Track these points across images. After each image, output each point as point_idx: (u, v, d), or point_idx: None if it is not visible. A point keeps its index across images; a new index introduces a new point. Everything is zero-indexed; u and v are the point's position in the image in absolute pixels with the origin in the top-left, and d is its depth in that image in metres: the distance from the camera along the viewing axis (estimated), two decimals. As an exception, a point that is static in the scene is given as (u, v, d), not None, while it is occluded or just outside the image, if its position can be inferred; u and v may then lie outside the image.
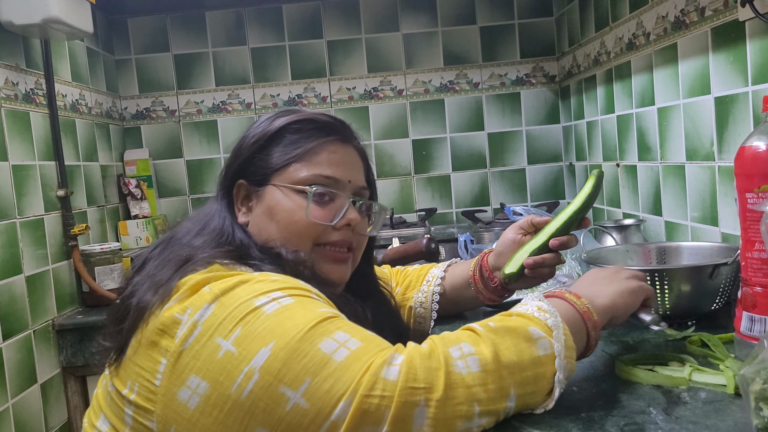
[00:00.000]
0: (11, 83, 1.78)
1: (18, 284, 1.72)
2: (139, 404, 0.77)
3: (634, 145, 1.93)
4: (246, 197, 0.98)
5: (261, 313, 0.74)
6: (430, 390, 0.68)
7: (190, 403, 0.73)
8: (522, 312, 0.80)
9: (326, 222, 0.95)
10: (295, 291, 0.79)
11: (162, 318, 0.78)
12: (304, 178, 0.95)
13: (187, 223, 0.96)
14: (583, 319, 0.83)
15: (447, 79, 2.73)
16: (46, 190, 1.91)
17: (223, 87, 2.70)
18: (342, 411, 0.67)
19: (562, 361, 0.76)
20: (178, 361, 0.74)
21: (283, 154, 0.96)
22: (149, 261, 0.90)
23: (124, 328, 0.81)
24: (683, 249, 1.29)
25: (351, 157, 1.01)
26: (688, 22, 1.54)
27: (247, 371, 0.70)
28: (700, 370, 0.86)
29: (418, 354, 0.71)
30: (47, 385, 1.82)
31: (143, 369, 0.77)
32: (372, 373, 0.68)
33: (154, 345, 0.77)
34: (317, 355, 0.70)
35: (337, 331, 0.73)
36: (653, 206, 1.83)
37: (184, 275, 0.81)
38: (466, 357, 0.71)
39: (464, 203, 2.76)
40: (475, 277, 1.18)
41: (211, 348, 0.73)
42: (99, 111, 2.41)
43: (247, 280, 0.79)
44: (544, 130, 2.75)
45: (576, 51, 2.42)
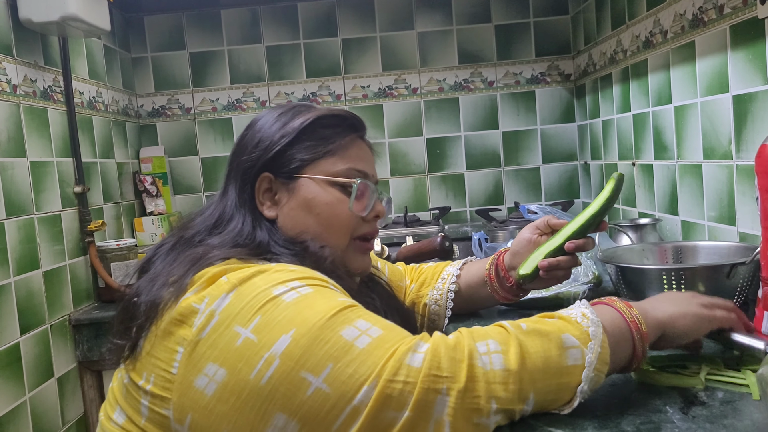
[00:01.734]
0: (30, 80, 1.80)
1: (35, 279, 1.74)
2: (155, 393, 0.78)
3: (650, 144, 1.92)
4: (269, 190, 0.97)
5: (280, 301, 0.74)
6: (453, 380, 0.68)
7: (207, 390, 0.73)
8: (564, 315, 0.78)
9: (362, 214, 0.98)
10: (312, 281, 0.79)
11: (179, 308, 0.78)
12: (339, 171, 0.97)
13: (196, 223, 0.95)
14: (630, 329, 0.79)
15: (461, 78, 2.72)
16: (63, 186, 1.93)
17: (238, 85, 2.71)
18: (365, 395, 0.67)
19: (590, 374, 0.74)
20: (195, 350, 0.75)
21: (314, 148, 0.97)
22: (156, 260, 0.90)
23: (137, 325, 0.81)
24: (700, 248, 1.28)
25: (369, 152, 1.04)
26: (707, 20, 1.53)
27: (267, 357, 0.71)
28: (718, 372, 0.85)
29: (443, 344, 0.71)
30: (64, 379, 1.84)
31: (159, 359, 0.78)
32: (397, 359, 0.69)
33: (170, 335, 0.78)
34: (339, 341, 0.70)
35: (358, 319, 0.73)
36: (669, 205, 1.82)
37: (198, 271, 0.81)
38: (492, 354, 0.71)
39: (478, 202, 2.75)
40: (491, 275, 1.18)
41: (230, 336, 0.73)
42: (115, 108, 2.42)
43: (265, 270, 0.80)
44: (559, 128, 2.74)
45: (592, 49, 2.41)
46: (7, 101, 1.68)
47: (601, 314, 0.79)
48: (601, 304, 0.83)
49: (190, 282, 0.80)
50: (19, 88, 1.74)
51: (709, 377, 0.84)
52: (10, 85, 1.70)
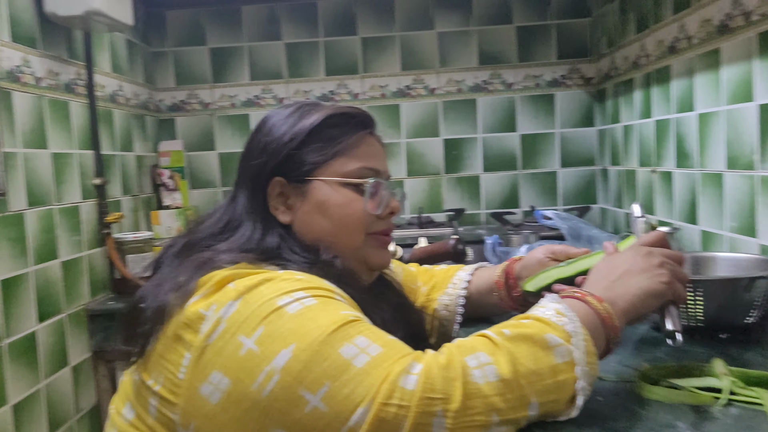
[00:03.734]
0: (53, 73, 1.82)
1: (54, 269, 1.76)
2: (163, 396, 0.78)
3: (671, 151, 1.90)
4: (281, 195, 0.96)
5: (284, 313, 0.74)
6: (448, 401, 0.67)
7: (212, 398, 0.74)
8: (539, 316, 0.78)
9: (375, 212, 0.97)
10: (318, 291, 0.79)
11: (187, 313, 0.78)
12: (351, 172, 0.96)
13: (204, 227, 0.95)
14: (603, 324, 0.80)
15: (480, 79, 2.71)
16: (83, 178, 1.95)
17: (256, 81, 2.72)
18: (360, 417, 0.67)
19: (583, 368, 0.74)
20: (202, 356, 0.75)
21: (324, 149, 0.96)
22: (164, 264, 0.90)
23: (144, 330, 0.82)
24: (718, 260, 1.26)
25: (380, 147, 1.03)
26: (733, 27, 1.51)
27: (268, 371, 0.71)
28: (736, 384, 0.83)
29: (435, 364, 0.70)
30: (78, 368, 1.86)
31: (168, 362, 0.78)
32: (390, 382, 0.68)
33: (179, 339, 0.78)
34: (338, 359, 0.70)
35: (358, 336, 0.73)
36: (689, 214, 1.80)
37: (203, 275, 0.81)
38: (484, 366, 0.70)
39: (494, 204, 2.74)
40: (500, 282, 1.17)
41: (234, 345, 0.74)
42: (136, 102, 2.44)
43: (272, 278, 0.80)
44: (579, 133, 2.72)
45: (614, 53, 2.38)
46: (31, 93, 1.70)
47: (574, 309, 0.79)
48: (572, 298, 0.82)
49: (196, 286, 0.80)
50: (42, 81, 1.76)
51: (721, 396, 0.82)
52: (34, 78, 1.72)
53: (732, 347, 1.03)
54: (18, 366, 1.58)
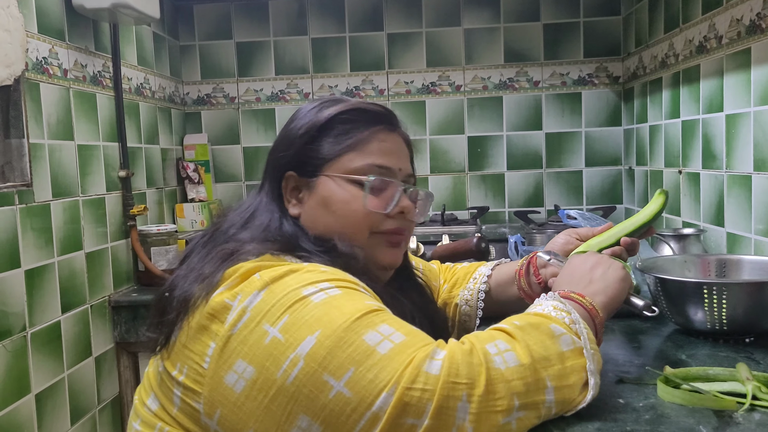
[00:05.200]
0: (80, 65, 1.84)
1: (78, 260, 1.79)
2: (187, 386, 0.79)
3: (698, 152, 1.87)
4: (295, 188, 0.97)
5: (309, 302, 0.75)
6: (472, 385, 0.68)
7: (237, 387, 0.74)
8: (539, 312, 0.81)
9: (382, 211, 0.95)
10: (342, 283, 0.80)
11: (212, 303, 0.79)
12: (358, 168, 0.95)
13: (231, 216, 0.96)
14: (591, 317, 0.84)
15: (507, 77, 2.69)
16: (108, 170, 1.97)
17: (282, 76, 2.73)
18: (384, 402, 0.67)
19: (588, 352, 0.77)
20: (227, 346, 0.76)
21: (334, 145, 0.96)
22: (193, 253, 0.91)
23: (169, 319, 0.83)
24: (744, 262, 1.24)
25: (399, 145, 1.01)
26: (764, 26, 1.47)
27: (292, 358, 0.72)
28: (759, 389, 0.82)
29: (459, 350, 0.71)
30: (101, 358, 1.89)
31: (193, 352, 0.79)
32: (414, 366, 0.68)
33: (204, 329, 0.79)
34: (362, 345, 0.71)
35: (382, 324, 0.73)
36: (715, 216, 1.77)
37: (229, 266, 0.82)
38: (503, 353, 0.72)
39: (517, 203, 2.72)
40: (521, 272, 1.16)
41: (259, 334, 0.74)
42: (162, 95, 2.47)
43: (297, 269, 0.80)
44: (605, 132, 2.68)
45: (642, 52, 2.35)
46: (58, 85, 1.73)
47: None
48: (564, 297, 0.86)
49: (222, 278, 0.81)
50: (69, 73, 1.78)
51: (743, 401, 0.81)
52: (61, 70, 1.75)
53: (757, 351, 1.01)
54: (42, 355, 1.61)
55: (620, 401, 0.84)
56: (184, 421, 0.80)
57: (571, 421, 0.76)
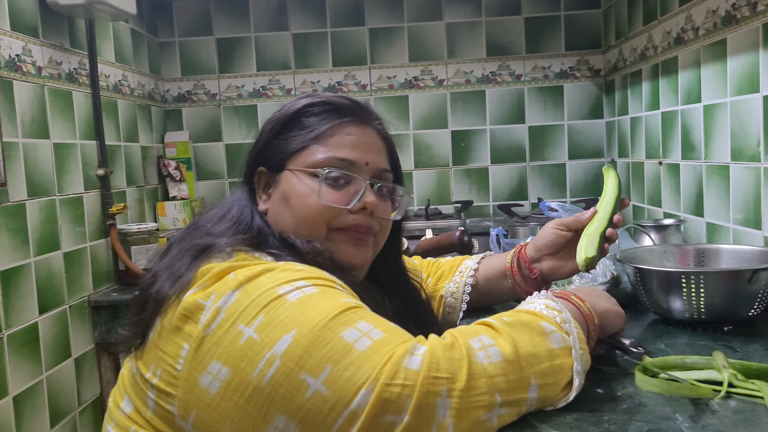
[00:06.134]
0: (55, 62, 1.82)
1: (56, 260, 1.77)
2: (161, 388, 0.78)
3: (678, 143, 1.87)
4: (266, 184, 0.97)
5: (284, 300, 0.74)
6: (453, 380, 0.67)
7: (211, 388, 0.73)
8: (531, 310, 0.80)
9: (341, 205, 0.92)
10: (319, 281, 0.78)
11: (185, 303, 0.78)
12: (318, 161, 0.92)
13: (211, 212, 0.96)
14: (586, 321, 0.84)
15: (489, 70, 2.69)
16: (86, 168, 1.95)
17: (264, 72, 2.71)
18: (362, 399, 0.66)
19: (577, 352, 0.76)
20: (201, 347, 0.74)
21: (298, 138, 0.94)
22: (173, 248, 0.90)
23: (144, 317, 0.82)
24: (723, 252, 1.24)
25: (369, 138, 0.97)
26: (739, 17, 1.48)
27: (268, 357, 0.70)
28: (735, 377, 0.82)
29: (440, 345, 0.70)
30: (81, 359, 1.87)
31: (166, 354, 0.78)
32: (394, 362, 0.67)
33: (177, 330, 0.77)
34: (339, 343, 0.69)
35: (360, 321, 0.72)
36: (695, 207, 1.77)
37: (201, 265, 0.81)
38: (487, 348, 0.71)
39: (501, 197, 2.72)
40: (513, 268, 1.16)
41: (233, 334, 0.73)
42: (141, 92, 2.44)
43: (272, 268, 0.79)
44: (587, 124, 2.69)
45: (622, 45, 2.35)
46: (32, 83, 1.70)
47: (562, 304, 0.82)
48: (558, 297, 0.85)
49: (194, 277, 0.80)
50: (44, 70, 1.76)
51: (719, 388, 0.81)
52: (35, 67, 1.72)
53: (735, 339, 1.02)
54: (19, 357, 1.59)
55: (599, 391, 0.84)
56: (158, 425, 0.79)
57: (549, 411, 0.76)
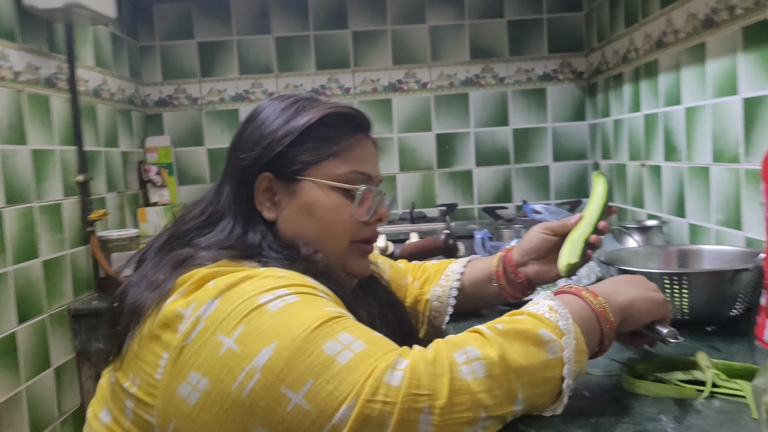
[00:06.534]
0: (33, 67, 1.79)
1: (35, 268, 1.74)
2: (139, 398, 0.76)
3: (660, 145, 1.89)
4: (267, 190, 0.94)
5: (265, 310, 0.73)
6: (434, 397, 0.66)
7: (190, 399, 0.72)
8: (533, 312, 0.78)
9: (363, 218, 0.95)
10: (300, 288, 0.77)
11: (165, 312, 0.76)
12: (341, 175, 0.93)
13: (188, 220, 0.93)
14: (598, 319, 0.79)
15: (472, 73, 2.69)
16: (65, 175, 1.92)
17: (246, 76, 2.70)
18: (344, 414, 0.66)
19: (571, 368, 0.74)
20: (180, 356, 0.73)
21: (318, 149, 0.93)
22: (146, 259, 0.88)
23: (119, 329, 0.80)
24: (705, 252, 1.26)
25: (374, 150, 1.01)
26: (718, 21, 1.49)
27: (248, 370, 0.69)
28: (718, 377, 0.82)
29: (422, 359, 0.69)
30: (61, 369, 1.84)
31: (145, 362, 0.77)
32: (375, 378, 0.66)
33: (156, 339, 0.76)
34: (321, 356, 0.68)
35: (342, 332, 0.71)
36: (677, 208, 1.79)
37: (182, 274, 0.80)
38: (472, 362, 0.69)
39: (486, 199, 2.72)
40: (499, 272, 1.16)
41: (213, 344, 0.72)
42: (121, 97, 2.42)
43: (253, 275, 0.78)
44: (571, 127, 2.70)
45: (605, 47, 2.37)
46: (9, 88, 1.68)
47: (568, 305, 0.79)
48: (566, 293, 0.83)
49: (174, 285, 0.79)
50: (21, 75, 1.73)
51: (703, 389, 0.81)
52: (13, 72, 1.70)
53: (718, 340, 1.03)
54: (-2, 365, 1.56)
55: (586, 393, 0.84)
56: None
57: (536, 415, 0.75)
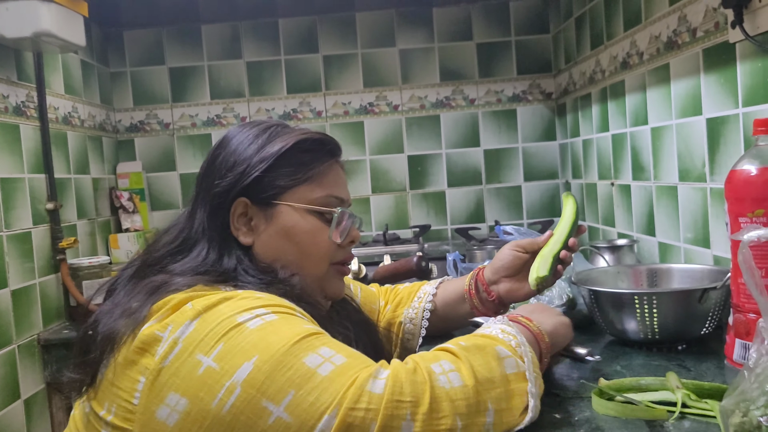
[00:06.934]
0: (1, 96, 1.77)
1: (3, 298, 1.70)
2: (116, 425, 0.75)
3: (628, 164, 1.92)
4: (243, 215, 0.94)
5: (244, 328, 0.73)
6: (417, 404, 0.68)
7: (169, 420, 0.71)
8: (487, 334, 0.82)
9: (338, 241, 0.97)
10: (279, 308, 0.78)
11: (141, 336, 0.76)
12: (318, 199, 0.96)
13: (161, 247, 0.92)
14: (537, 341, 0.87)
15: (443, 95, 2.72)
16: (34, 203, 1.89)
17: (218, 100, 2.69)
18: (326, 424, 0.66)
19: (531, 374, 0.77)
20: (157, 379, 0.73)
21: (294, 174, 0.94)
22: (118, 287, 0.88)
23: (92, 358, 0.79)
24: (674, 271, 1.28)
25: (343, 175, 1.03)
26: (680, 43, 1.53)
27: (228, 386, 0.70)
28: (688, 397, 0.83)
29: (403, 369, 0.71)
30: (31, 401, 1.79)
31: (121, 389, 0.76)
32: (357, 386, 0.68)
33: (132, 364, 0.76)
34: (302, 368, 0.69)
35: (322, 347, 0.72)
36: (647, 227, 1.82)
37: (157, 300, 0.79)
38: (448, 373, 0.72)
39: (459, 220, 2.74)
40: (471, 291, 1.17)
41: (192, 364, 0.72)
42: (92, 123, 2.40)
43: (231, 297, 0.78)
44: (541, 147, 2.74)
45: (572, 69, 2.41)
46: (-23, 117, 1.66)
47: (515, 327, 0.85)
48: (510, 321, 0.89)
49: (149, 313, 0.78)
50: (-11, 104, 1.71)
51: (673, 409, 0.82)
52: (-20, 101, 1.68)
53: (688, 358, 1.04)
54: (-35, 400, 1.52)
55: (556, 416, 0.84)
56: None
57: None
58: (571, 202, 1.17)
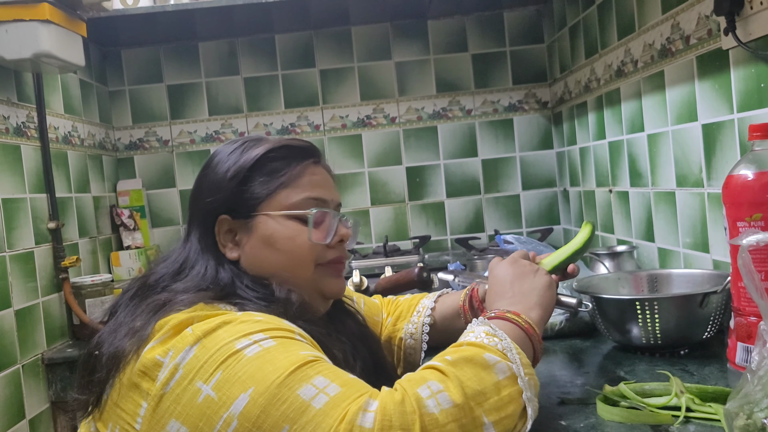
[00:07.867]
0: (2, 117, 1.79)
1: (7, 319, 1.71)
2: None
3: (625, 171, 1.93)
4: (229, 231, 0.96)
5: (242, 356, 0.74)
6: None
7: None
8: (472, 341, 0.81)
9: (323, 242, 0.97)
10: (277, 332, 0.78)
11: (143, 360, 0.77)
12: (294, 203, 0.96)
13: (160, 269, 0.94)
14: (527, 335, 0.87)
15: (440, 106, 2.74)
16: (36, 222, 1.90)
17: (216, 117, 2.71)
18: None
19: (524, 380, 0.77)
20: (159, 405, 0.74)
21: (267, 183, 0.96)
22: (120, 308, 0.89)
23: (99, 378, 0.80)
24: (674, 276, 1.28)
25: (326, 175, 1.03)
26: (674, 50, 1.55)
27: (226, 417, 0.70)
28: (692, 401, 0.84)
29: (390, 400, 0.70)
30: (36, 420, 1.79)
31: (124, 411, 0.77)
32: (348, 422, 0.67)
33: (135, 387, 0.77)
34: (296, 401, 0.70)
35: (317, 377, 0.72)
36: (646, 233, 1.83)
37: (161, 318, 0.80)
38: (436, 395, 0.71)
39: (459, 230, 2.75)
40: (465, 307, 1.18)
41: (192, 392, 0.73)
42: (92, 142, 2.41)
43: (230, 321, 0.79)
44: (538, 155, 2.76)
45: (567, 77, 2.43)
46: (-22, 138, 1.67)
47: (501, 328, 0.84)
48: (494, 319, 0.88)
49: (153, 331, 0.79)
50: (-10, 125, 1.73)
51: (678, 414, 0.83)
52: (-19, 123, 1.69)
53: (691, 363, 1.05)
54: (-30, 421, 1.52)
55: (562, 423, 0.85)
56: None
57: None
58: (587, 230, 1.12)
